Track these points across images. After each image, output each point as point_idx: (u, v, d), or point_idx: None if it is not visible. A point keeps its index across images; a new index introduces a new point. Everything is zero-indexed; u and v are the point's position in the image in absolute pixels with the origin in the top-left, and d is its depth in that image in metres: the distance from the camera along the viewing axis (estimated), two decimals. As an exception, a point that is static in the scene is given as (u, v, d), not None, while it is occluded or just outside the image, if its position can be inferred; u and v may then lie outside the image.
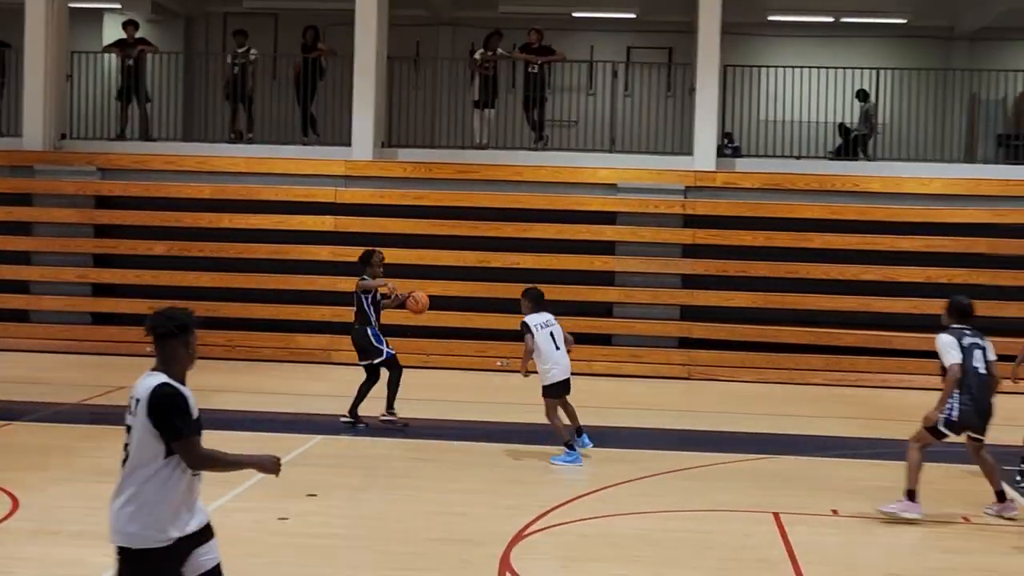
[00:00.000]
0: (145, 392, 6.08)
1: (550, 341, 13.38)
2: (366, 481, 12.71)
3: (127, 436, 6.12)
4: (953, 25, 27.48)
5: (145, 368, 6.28)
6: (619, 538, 10.42)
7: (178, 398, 6.12)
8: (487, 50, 23.09)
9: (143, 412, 6.03)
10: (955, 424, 11.12)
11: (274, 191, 21.73)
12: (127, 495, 6.06)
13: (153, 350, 6.24)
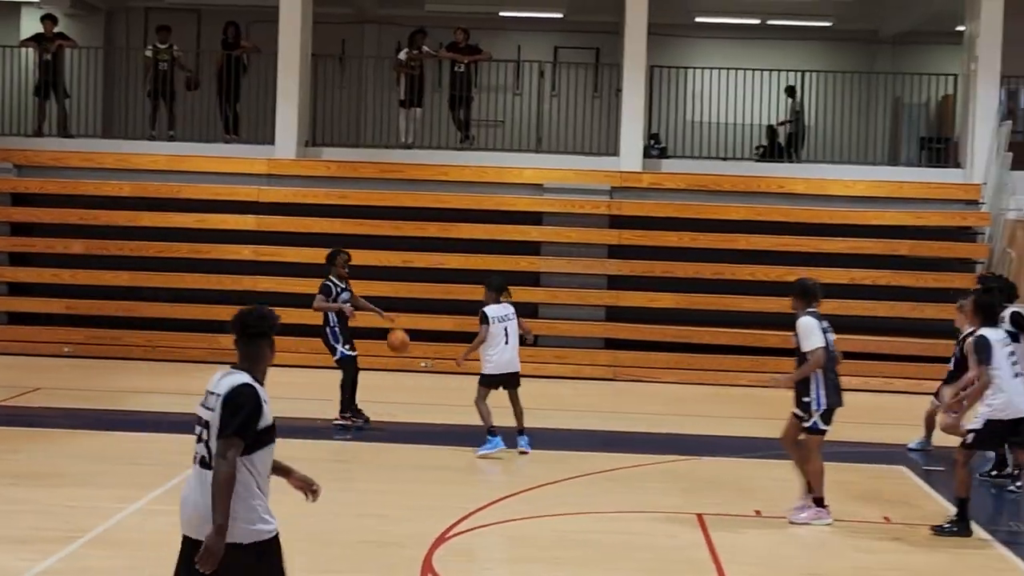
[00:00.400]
0: (225, 388, 6.14)
1: (502, 335, 13.59)
2: (285, 484, 12.49)
3: (202, 431, 6.16)
4: (877, 29, 27.75)
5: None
6: (542, 540, 10.33)
7: (255, 399, 6.17)
8: (412, 48, 22.92)
9: (219, 405, 6.10)
10: (829, 413, 10.95)
11: (195, 189, 21.42)
12: (206, 488, 6.06)
13: (238, 348, 6.31)
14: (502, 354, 13.59)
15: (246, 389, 6.15)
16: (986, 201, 21.19)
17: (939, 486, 12.84)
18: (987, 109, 21.54)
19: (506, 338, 13.61)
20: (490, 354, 13.64)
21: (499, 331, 13.59)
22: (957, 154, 22.47)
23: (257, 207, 21.36)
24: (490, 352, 13.63)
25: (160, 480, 11.77)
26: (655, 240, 21.13)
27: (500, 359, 13.59)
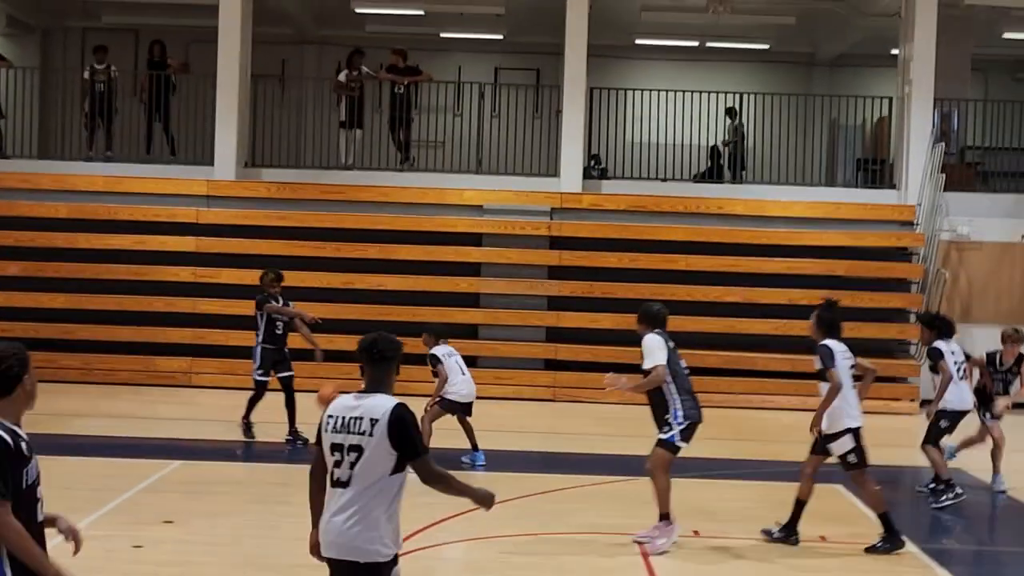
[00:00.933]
0: (383, 412, 6.25)
1: (457, 368, 14.24)
2: (225, 507, 12.39)
3: (342, 455, 6.29)
4: (814, 52, 28.07)
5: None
6: (481, 562, 10.32)
7: (414, 417, 6.37)
8: (350, 69, 22.90)
9: (381, 430, 6.21)
10: (688, 431, 10.97)
11: (134, 211, 21.25)
12: (354, 511, 6.24)
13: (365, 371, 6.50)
14: (464, 384, 14.25)
15: (404, 410, 6.33)
16: (920, 222, 21.45)
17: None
18: (921, 131, 21.81)
19: (462, 369, 14.29)
20: (454, 383, 14.19)
21: (453, 364, 14.24)
22: (892, 175, 22.74)
23: (196, 228, 21.23)
24: (453, 382, 14.20)
25: (95, 505, 11.66)
26: (595, 261, 21.20)
27: (464, 389, 14.24)
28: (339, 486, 6.33)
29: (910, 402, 20.67)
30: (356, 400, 6.39)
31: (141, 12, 25.64)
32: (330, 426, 6.40)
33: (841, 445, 11.16)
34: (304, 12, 26.59)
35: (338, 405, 6.44)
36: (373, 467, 6.24)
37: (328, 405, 13.43)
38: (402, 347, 6.60)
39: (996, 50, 26.49)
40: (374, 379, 6.47)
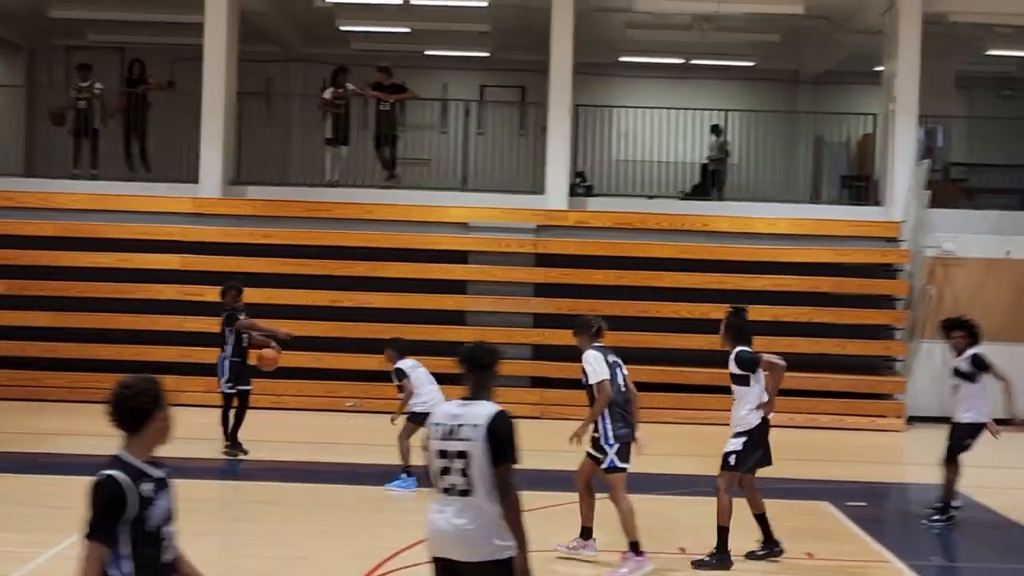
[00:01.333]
0: (484, 417, 6.49)
1: (425, 378, 14.18)
2: (205, 525, 12.31)
3: (449, 461, 6.48)
4: (798, 69, 28.16)
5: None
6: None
7: (513, 424, 6.58)
8: (336, 87, 22.91)
9: (482, 434, 6.45)
10: (624, 450, 10.95)
11: (119, 229, 21.21)
12: (477, 514, 6.46)
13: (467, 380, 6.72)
14: (434, 394, 13.96)
15: (507, 415, 6.56)
16: (906, 238, 21.49)
17: (862, 522, 12.94)
18: (906, 148, 21.88)
19: (430, 380, 14.15)
20: (422, 394, 14.02)
21: (420, 375, 14.16)
22: (877, 192, 22.79)
23: (182, 246, 21.19)
24: (421, 392, 14.03)
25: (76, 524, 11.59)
26: (581, 278, 21.21)
27: (434, 398, 13.85)
28: (453, 492, 6.54)
29: (896, 419, 20.69)
30: (460, 408, 6.64)
31: (126, 31, 25.63)
32: (437, 433, 6.63)
33: (730, 444, 11.14)
34: (289, 30, 26.62)
35: (442, 413, 6.69)
36: (483, 470, 6.45)
37: (272, 366, 13.67)
38: (501, 356, 6.88)
39: (980, 67, 26.60)
40: (475, 386, 6.73)
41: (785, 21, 23.86)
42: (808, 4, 22.55)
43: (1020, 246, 22.03)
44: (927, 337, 21.15)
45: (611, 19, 24.28)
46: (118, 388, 5.39)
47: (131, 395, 5.39)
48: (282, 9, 25.05)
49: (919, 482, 13.57)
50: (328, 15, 24.57)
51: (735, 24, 24.18)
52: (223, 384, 15.82)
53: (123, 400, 5.37)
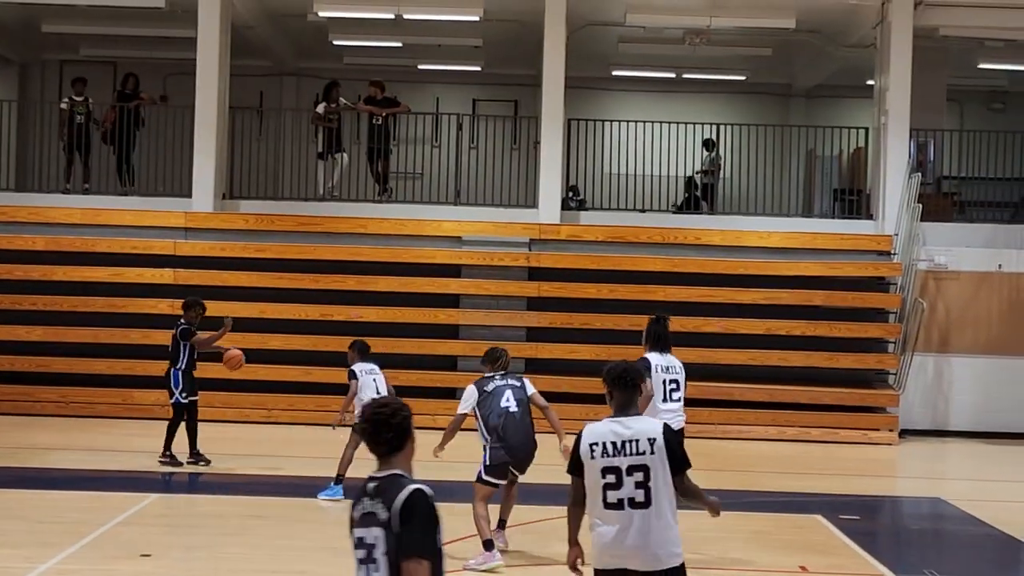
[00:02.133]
0: (657, 432, 6.88)
1: (372, 385, 14.10)
2: (202, 540, 12.31)
3: (619, 477, 6.78)
4: (790, 83, 28.22)
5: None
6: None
7: (677, 436, 7.01)
8: (328, 102, 22.93)
9: (660, 447, 6.82)
10: (494, 468, 11.55)
11: (111, 243, 21.20)
12: (658, 523, 6.81)
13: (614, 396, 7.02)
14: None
15: (672, 430, 7.03)
16: (898, 252, 21.52)
17: (855, 535, 12.93)
18: (898, 161, 21.91)
19: (376, 388, 14.08)
20: (364, 403, 13.94)
21: (368, 382, 14.12)
22: (869, 206, 22.83)
23: (174, 260, 21.18)
24: (363, 399, 14.03)
25: (72, 538, 11.59)
26: (574, 292, 21.21)
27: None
28: (624, 506, 6.79)
29: (888, 432, 20.69)
30: (621, 425, 6.87)
31: (119, 45, 25.66)
32: (597, 452, 6.81)
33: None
34: (282, 44, 26.63)
35: (601, 431, 6.87)
36: (664, 480, 6.81)
37: (238, 364, 13.87)
38: (642, 375, 7.21)
39: (971, 80, 26.67)
40: (624, 404, 6.96)
41: (777, 35, 23.91)
42: (800, 18, 22.62)
43: (1012, 259, 22.07)
44: (919, 350, 21.18)
45: (603, 33, 24.31)
46: (377, 410, 5.31)
47: (393, 413, 5.31)
48: (275, 23, 25.07)
49: (912, 495, 13.56)
50: (321, 29, 24.60)
51: (727, 38, 24.24)
52: (178, 395, 15.85)
53: (388, 420, 5.27)
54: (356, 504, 5.22)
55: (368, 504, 5.14)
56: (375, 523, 5.08)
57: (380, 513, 5.07)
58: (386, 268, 21.13)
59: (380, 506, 5.08)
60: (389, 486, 5.13)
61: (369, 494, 5.16)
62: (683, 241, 21.68)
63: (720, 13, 22.61)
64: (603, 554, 6.83)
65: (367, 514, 5.13)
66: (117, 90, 23.59)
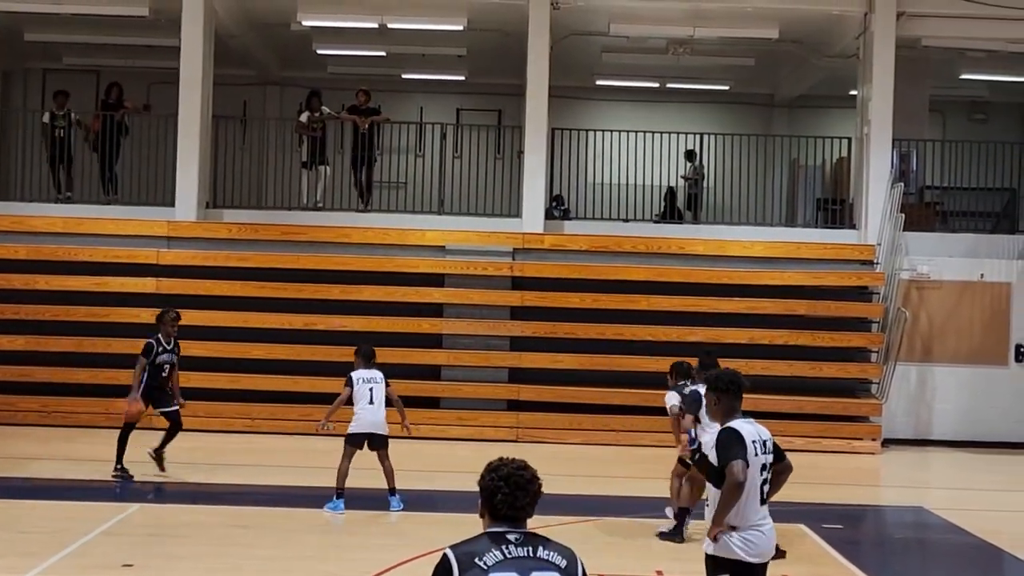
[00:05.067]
0: (769, 433, 7.72)
1: (367, 395, 14.04)
2: (185, 550, 12.26)
3: (766, 473, 7.57)
4: (773, 93, 28.32)
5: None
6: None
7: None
8: (310, 111, 22.93)
9: (773, 447, 7.67)
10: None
11: (93, 252, 21.11)
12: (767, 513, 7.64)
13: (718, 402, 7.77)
14: (366, 414, 14.00)
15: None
16: (880, 261, 21.58)
17: (839, 544, 12.96)
18: (880, 171, 21.99)
19: (371, 398, 14.03)
20: (356, 412, 14.12)
21: (364, 391, 14.05)
22: (852, 215, 22.89)
23: (157, 269, 21.13)
24: (355, 411, 14.12)
25: (54, 549, 11.54)
26: (557, 301, 21.22)
27: (363, 418, 14.01)
28: (764, 501, 7.58)
29: (871, 441, 20.74)
30: (754, 427, 7.60)
31: (102, 54, 25.62)
32: (758, 449, 7.52)
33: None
34: (266, 53, 26.62)
35: (753, 431, 7.57)
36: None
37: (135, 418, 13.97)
38: (744, 381, 7.81)
39: (953, 91, 26.80)
40: (735, 409, 7.68)
41: (760, 45, 23.98)
42: (783, 28, 22.69)
43: (994, 269, 22.16)
44: (902, 359, 21.23)
45: (587, 43, 24.36)
46: (520, 473, 5.21)
47: (536, 476, 5.25)
48: (258, 32, 25.05)
49: (895, 504, 13.58)
50: (305, 39, 24.60)
51: (710, 48, 24.30)
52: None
53: (536, 481, 5.23)
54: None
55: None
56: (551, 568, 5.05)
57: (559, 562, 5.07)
58: (370, 277, 21.11)
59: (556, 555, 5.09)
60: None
61: (516, 543, 5.07)
62: (666, 251, 21.70)
63: (703, 23, 22.66)
64: (764, 548, 7.57)
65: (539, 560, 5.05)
66: (101, 99, 23.55)
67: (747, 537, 7.44)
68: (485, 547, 5.01)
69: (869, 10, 22.02)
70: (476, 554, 4.97)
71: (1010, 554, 13.29)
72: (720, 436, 7.58)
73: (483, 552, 4.99)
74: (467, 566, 4.93)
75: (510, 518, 5.12)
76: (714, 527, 7.49)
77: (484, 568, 4.93)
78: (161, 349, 15.88)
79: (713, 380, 7.81)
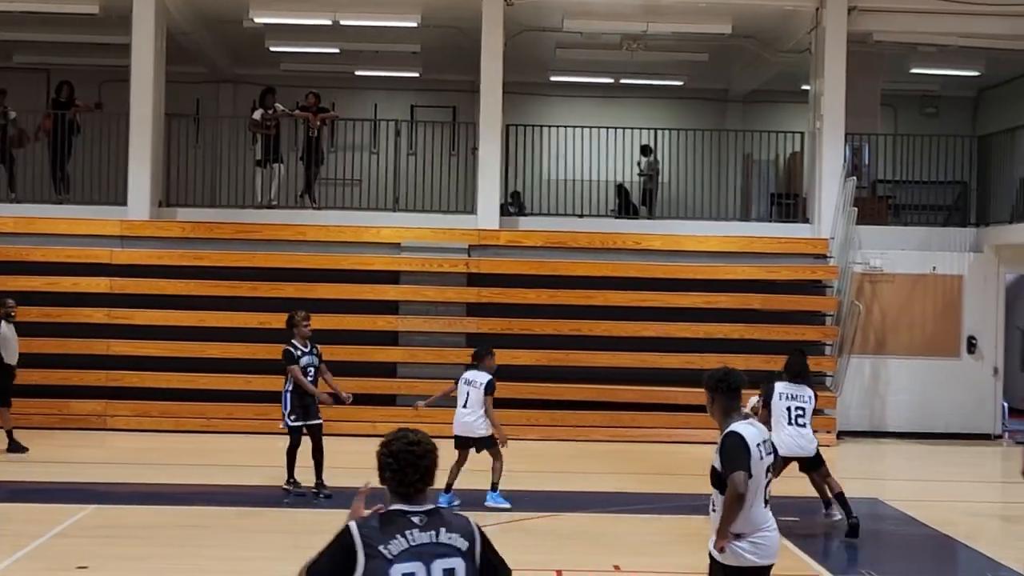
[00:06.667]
0: (768, 434, 7.57)
1: (462, 397, 14.26)
2: (142, 551, 12.17)
3: (767, 475, 7.39)
4: (727, 88, 28.40)
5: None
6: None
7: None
8: (264, 108, 22.83)
9: (772, 448, 7.49)
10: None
11: (46, 252, 20.94)
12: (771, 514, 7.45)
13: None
14: (457, 416, 14.25)
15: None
16: (834, 255, 21.71)
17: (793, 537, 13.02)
18: (833, 166, 22.12)
19: (465, 401, 14.22)
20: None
21: (461, 392, 14.29)
22: (805, 209, 23.01)
23: (110, 269, 20.98)
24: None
25: (7, 551, 11.46)
26: (513, 297, 21.22)
27: (455, 420, 14.25)
28: (767, 502, 7.40)
29: (826, 433, 20.83)
30: (756, 427, 7.41)
31: (53, 52, 25.39)
32: (762, 452, 7.32)
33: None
34: (218, 51, 26.47)
35: (754, 433, 7.34)
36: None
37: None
38: (744, 379, 7.46)
39: (904, 85, 26.99)
40: (732, 409, 7.41)
41: (713, 40, 24.06)
42: (736, 23, 22.78)
43: (945, 262, 22.36)
44: (856, 352, 21.37)
45: (541, 39, 24.37)
46: (411, 449, 5.24)
47: (430, 450, 5.31)
48: (211, 30, 24.91)
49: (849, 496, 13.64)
50: (257, 36, 24.47)
51: (664, 43, 24.36)
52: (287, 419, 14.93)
53: (429, 456, 5.26)
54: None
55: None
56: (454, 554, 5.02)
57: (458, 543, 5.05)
58: (325, 275, 21.04)
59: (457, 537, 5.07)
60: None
61: (420, 526, 5.04)
62: (622, 246, 21.75)
63: (657, 19, 22.71)
64: (772, 550, 7.42)
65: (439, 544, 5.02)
66: (52, 98, 23.35)
67: (756, 541, 7.30)
68: (390, 532, 4.95)
69: (820, 5, 22.15)
70: (381, 540, 4.91)
71: (964, 544, 13.41)
72: (725, 442, 7.29)
73: (388, 538, 4.93)
74: (372, 552, 4.88)
75: (403, 494, 5.11)
76: (720, 539, 7.28)
77: (388, 558, 4.87)
78: (301, 353, 14.96)
79: (706, 379, 7.49)
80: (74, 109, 22.80)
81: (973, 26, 22.28)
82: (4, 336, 17.87)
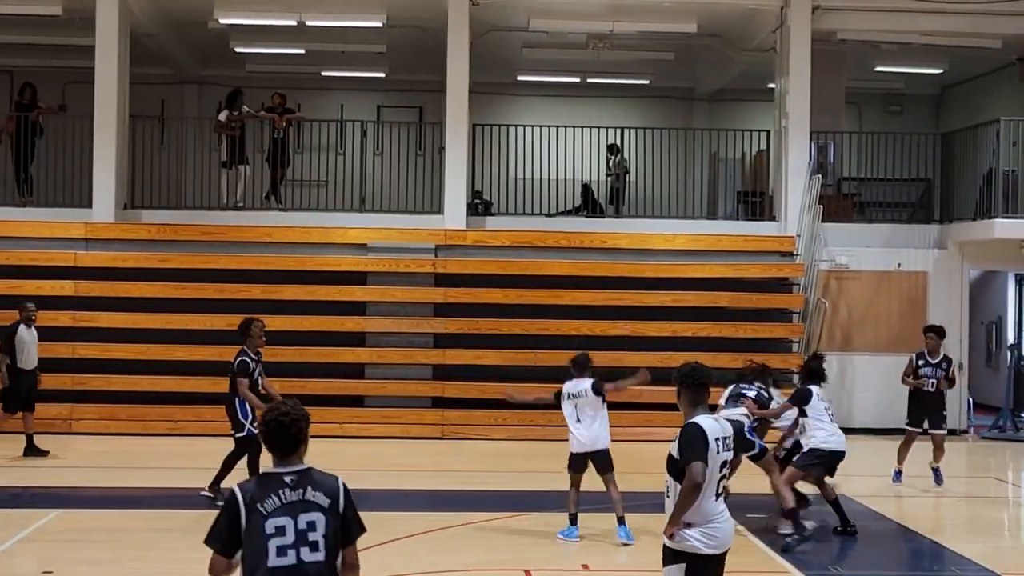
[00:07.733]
0: (731, 428, 7.82)
1: (572, 414, 13.04)
2: (106, 554, 12.10)
3: (725, 469, 7.59)
4: (693, 87, 28.48)
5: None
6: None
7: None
8: (230, 110, 22.74)
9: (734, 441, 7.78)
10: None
11: (9, 255, 20.83)
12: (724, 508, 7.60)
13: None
14: (575, 432, 13.11)
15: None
16: (800, 253, 21.80)
17: (762, 533, 13.07)
18: (799, 163, 22.22)
19: (577, 416, 13.08)
20: (249, 412, 14.26)
21: (568, 410, 13.15)
22: (772, 207, 23.09)
23: (75, 272, 20.86)
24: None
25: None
26: (480, 297, 21.22)
27: (573, 438, 13.12)
28: (722, 497, 7.55)
29: (794, 430, 20.89)
30: (718, 422, 7.64)
31: (15, 53, 25.24)
32: (720, 447, 7.48)
33: None
34: (183, 52, 26.35)
35: (714, 427, 7.55)
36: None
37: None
38: (711, 374, 7.78)
39: (869, 83, 27.14)
40: (698, 402, 7.68)
41: (679, 39, 24.12)
42: (701, 22, 22.84)
43: (910, 258, 22.48)
44: (822, 349, 21.43)
45: (507, 39, 24.38)
46: (281, 419, 5.89)
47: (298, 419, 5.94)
48: (175, 31, 24.81)
49: (817, 492, 13.72)
50: (222, 37, 24.39)
51: (629, 42, 24.41)
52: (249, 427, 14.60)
53: (297, 424, 5.91)
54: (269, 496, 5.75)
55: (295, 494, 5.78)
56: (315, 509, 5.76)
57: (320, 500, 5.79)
58: (291, 276, 20.98)
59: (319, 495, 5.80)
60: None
61: (291, 486, 5.78)
62: (589, 245, 21.78)
63: (622, 18, 22.76)
64: (722, 540, 7.49)
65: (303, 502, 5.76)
66: (15, 100, 23.19)
67: (706, 531, 7.38)
68: (265, 491, 5.76)
69: (785, 4, 22.25)
70: (258, 499, 5.73)
71: (930, 539, 13.50)
72: (684, 432, 7.51)
73: (264, 497, 5.74)
74: (251, 509, 5.70)
75: (279, 457, 5.87)
76: (671, 526, 7.41)
77: (264, 514, 5.70)
78: (253, 365, 14.66)
79: (675, 373, 7.77)
80: (37, 111, 22.65)
81: (936, 24, 22.43)
82: (23, 340, 17.78)
